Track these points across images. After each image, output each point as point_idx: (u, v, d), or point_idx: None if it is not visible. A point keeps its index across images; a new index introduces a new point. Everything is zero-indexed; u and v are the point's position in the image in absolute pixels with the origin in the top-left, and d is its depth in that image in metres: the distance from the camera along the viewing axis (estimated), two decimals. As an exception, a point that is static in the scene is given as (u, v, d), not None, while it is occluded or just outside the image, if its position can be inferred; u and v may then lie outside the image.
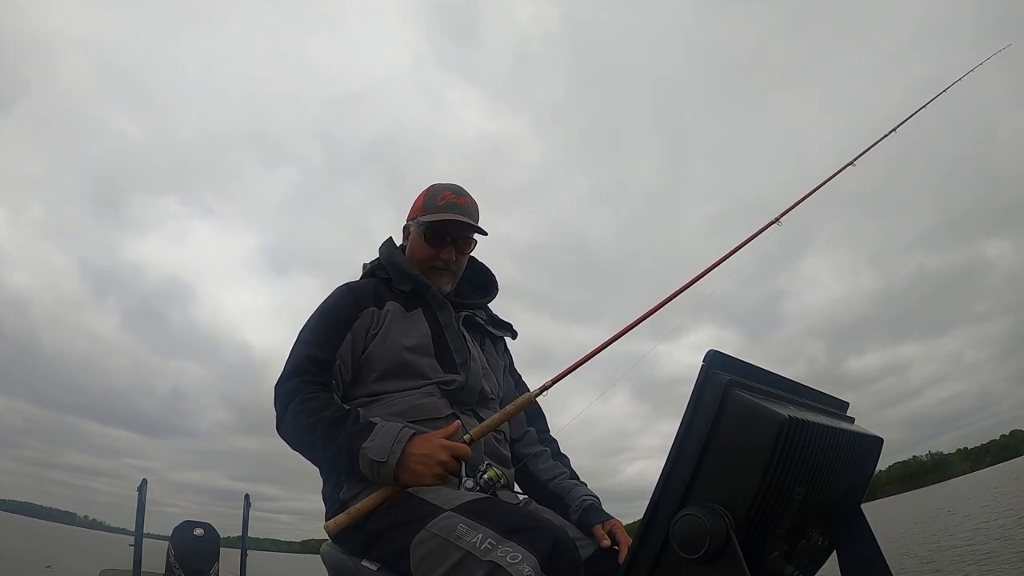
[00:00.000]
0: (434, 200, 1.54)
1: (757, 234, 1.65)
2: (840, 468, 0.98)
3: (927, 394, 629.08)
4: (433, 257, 1.52)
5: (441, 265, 1.52)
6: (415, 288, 1.49)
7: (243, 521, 6.23)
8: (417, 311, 1.47)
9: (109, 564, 6.00)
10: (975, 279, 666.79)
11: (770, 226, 1.68)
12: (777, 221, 1.69)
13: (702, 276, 1.55)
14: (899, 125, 1.77)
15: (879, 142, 1.73)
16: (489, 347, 1.60)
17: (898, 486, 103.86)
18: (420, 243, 1.53)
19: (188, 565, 4.27)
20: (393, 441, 1.22)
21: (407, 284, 1.50)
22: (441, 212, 1.51)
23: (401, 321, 1.44)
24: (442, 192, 1.55)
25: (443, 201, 1.53)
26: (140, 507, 5.05)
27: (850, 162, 1.75)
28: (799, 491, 0.85)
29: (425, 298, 1.49)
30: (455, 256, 1.53)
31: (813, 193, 1.69)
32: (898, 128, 1.74)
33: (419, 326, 1.44)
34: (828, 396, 1.15)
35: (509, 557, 0.98)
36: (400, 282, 1.50)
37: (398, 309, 1.45)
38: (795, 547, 0.95)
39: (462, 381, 1.41)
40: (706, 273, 1.55)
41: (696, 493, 0.80)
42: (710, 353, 0.85)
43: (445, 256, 1.52)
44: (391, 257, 1.54)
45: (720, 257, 1.58)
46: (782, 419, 0.77)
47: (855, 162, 1.73)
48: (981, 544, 6.85)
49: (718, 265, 1.57)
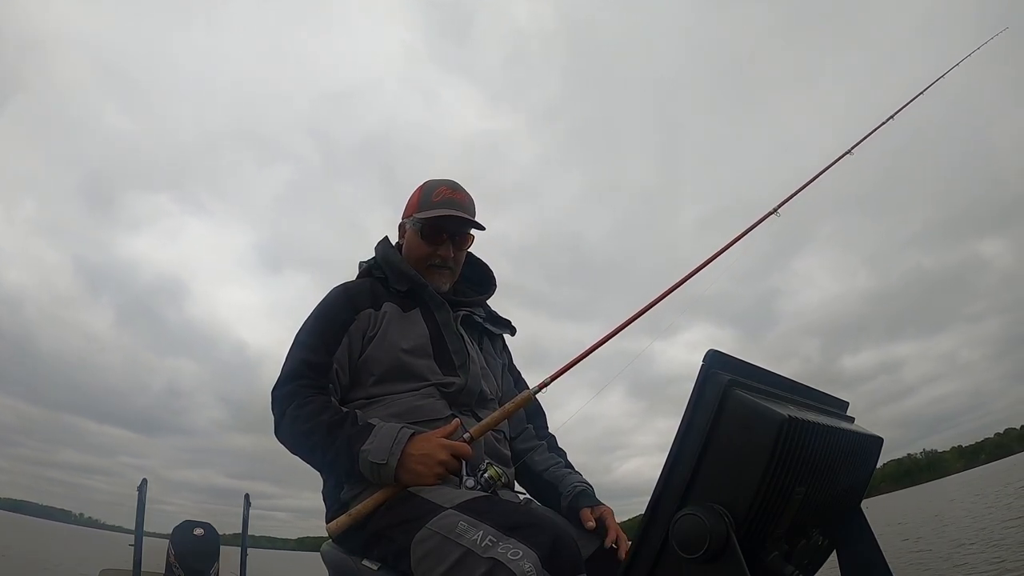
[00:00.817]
0: (430, 196, 1.52)
1: (756, 224, 1.63)
2: (840, 468, 0.98)
3: (921, 393, 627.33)
4: (430, 255, 1.50)
5: (439, 263, 1.51)
6: (412, 288, 1.48)
7: (243, 520, 6.22)
8: (415, 311, 1.46)
9: (108, 564, 5.99)
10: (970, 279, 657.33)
11: (769, 216, 1.67)
12: (775, 211, 1.68)
13: (700, 269, 1.54)
14: (897, 112, 1.76)
15: (878, 129, 1.72)
16: (487, 346, 1.59)
17: (893, 484, 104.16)
18: (417, 241, 1.51)
19: (188, 565, 4.26)
20: (392, 442, 1.21)
21: (404, 284, 1.48)
22: (437, 208, 1.49)
23: (399, 322, 1.43)
24: (437, 188, 1.52)
25: (439, 197, 1.50)
26: (140, 507, 5.04)
27: (848, 150, 1.74)
28: (799, 491, 0.85)
29: (422, 298, 1.48)
30: (453, 253, 1.52)
31: (812, 182, 1.68)
32: (896, 115, 1.74)
33: (417, 327, 1.43)
34: (828, 396, 1.15)
35: (510, 554, 0.98)
36: (397, 282, 1.49)
37: (395, 310, 1.44)
38: (795, 547, 0.95)
39: (461, 383, 1.40)
40: (705, 265, 1.54)
41: (696, 493, 0.80)
42: (710, 353, 0.85)
43: (443, 253, 1.50)
44: (387, 256, 1.52)
45: (719, 249, 1.56)
46: (782, 419, 0.77)
47: (853, 151, 1.73)
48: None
49: (717, 257, 1.55)
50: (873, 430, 1.15)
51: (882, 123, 1.71)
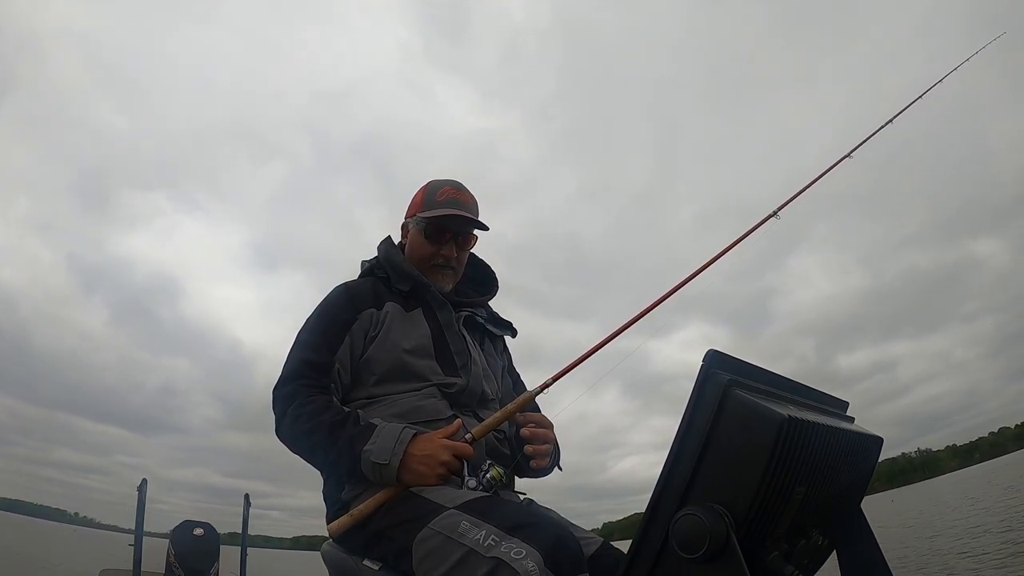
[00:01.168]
0: (433, 196, 1.51)
1: (756, 227, 1.64)
2: (840, 468, 0.98)
3: (916, 392, 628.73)
4: (434, 254, 1.50)
5: (442, 262, 1.50)
6: (415, 287, 1.48)
7: (243, 520, 6.22)
8: (417, 311, 1.46)
9: (108, 564, 5.99)
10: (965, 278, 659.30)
11: (769, 219, 1.67)
12: (775, 214, 1.68)
13: (700, 271, 1.53)
14: (895, 116, 1.75)
15: (876, 133, 1.72)
16: (489, 347, 1.59)
17: (887, 483, 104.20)
18: (420, 240, 1.51)
19: (188, 565, 4.26)
20: (395, 442, 1.21)
21: (406, 284, 1.48)
22: (441, 208, 1.49)
23: (400, 322, 1.43)
24: (441, 188, 1.52)
25: (443, 197, 1.50)
26: (140, 507, 5.04)
27: (847, 154, 1.74)
28: (799, 491, 0.85)
29: (425, 298, 1.48)
30: (456, 253, 1.51)
31: (811, 185, 1.69)
32: (894, 119, 1.73)
33: (419, 327, 1.43)
34: (828, 396, 1.15)
35: (513, 552, 0.98)
36: (399, 281, 1.49)
37: (397, 310, 1.44)
38: (795, 547, 0.95)
39: (463, 384, 1.40)
40: (705, 268, 1.54)
41: (696, 493, 0.80)
42: (710, 352, 0.85)
43: (446, 253, 1.50)
44: (390, 256, 1.52)
45: (719, 251, 1.56)
46: (782, 419, 0.77)
47: (852, 154, 1.73)
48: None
49: (717, 259, 1.55)
50: (872, 430, 1.15)
51: (880, 127, 1.70)
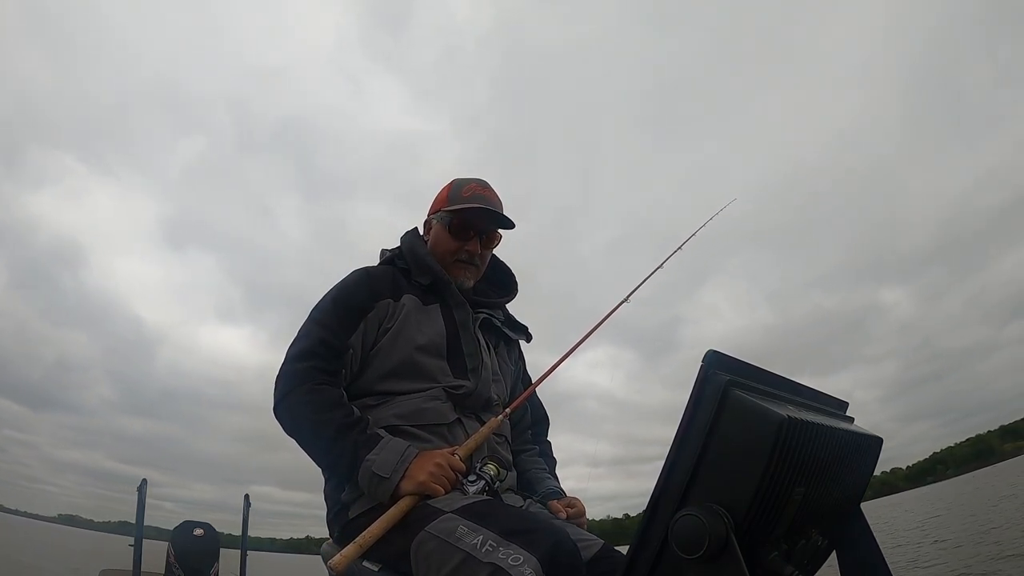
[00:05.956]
0: (459, 192, 1.50)
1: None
2: (839, 468, 0.98)
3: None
4: (457, 249, 1.48)
5: (466, 257, 1.48)
6: (434, 282, 1.46)
7: (243, 520, 6.23)
8: (434, 307, 1.44)
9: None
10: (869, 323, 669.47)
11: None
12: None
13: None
14: (664, 261, 1.67)
15: (649, 277, 1.65)
16: (503, 350, 1.58)
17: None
18: (444, 235, 1.49)
19: (188, 565, 4.26)
20: (399, 458, 1.20)
21: (427, 277, 1.46)
22: (467, 203, 1.47)
23: (416, 316, 1.40)
24: (467, 184, 1.51)
25: (469, 192, 1.49)
26: (140, 507, 5.05)
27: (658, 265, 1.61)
28: (799, 491, 0.85)
29: (443, 294, 1.46)
30: (480, 249, 1.50)
31: (657, 269, 1.64)
32: (664, 264, 1.69)
33: (434, 323, 1.41)
34: (827, 396, 1.15)
35: (510, 559, 0.98)
36: (420, 274, 1.46)
37: (414, 303, 1.42)
38: (795, 547, 0.95)
39: (471, 387, 1.38)
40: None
41: (695, 493, 0.79)
42: (709, 353, 0.84)
43: (470, 248, 1.48)
44: (413, 247, 1.50)
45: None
46: (781, 419, 0.77)
47: (663, 265, 1.62)
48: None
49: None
50: (872, 430, 1.15)
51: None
